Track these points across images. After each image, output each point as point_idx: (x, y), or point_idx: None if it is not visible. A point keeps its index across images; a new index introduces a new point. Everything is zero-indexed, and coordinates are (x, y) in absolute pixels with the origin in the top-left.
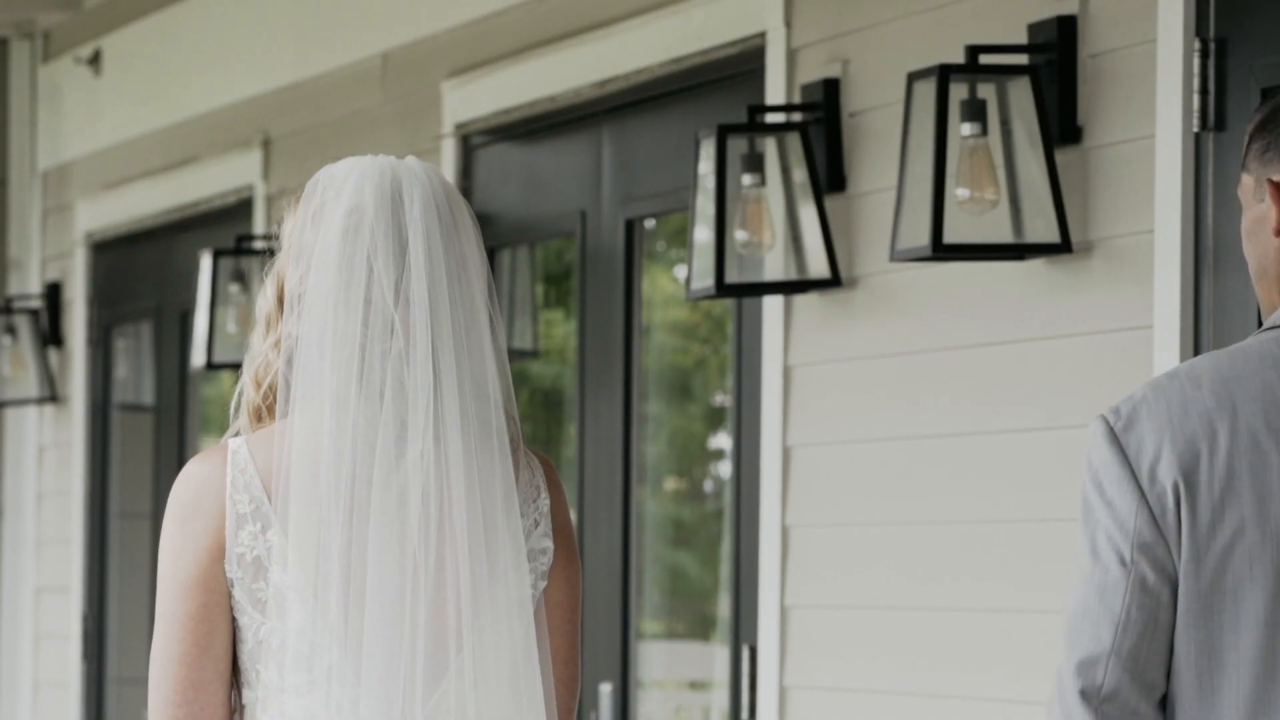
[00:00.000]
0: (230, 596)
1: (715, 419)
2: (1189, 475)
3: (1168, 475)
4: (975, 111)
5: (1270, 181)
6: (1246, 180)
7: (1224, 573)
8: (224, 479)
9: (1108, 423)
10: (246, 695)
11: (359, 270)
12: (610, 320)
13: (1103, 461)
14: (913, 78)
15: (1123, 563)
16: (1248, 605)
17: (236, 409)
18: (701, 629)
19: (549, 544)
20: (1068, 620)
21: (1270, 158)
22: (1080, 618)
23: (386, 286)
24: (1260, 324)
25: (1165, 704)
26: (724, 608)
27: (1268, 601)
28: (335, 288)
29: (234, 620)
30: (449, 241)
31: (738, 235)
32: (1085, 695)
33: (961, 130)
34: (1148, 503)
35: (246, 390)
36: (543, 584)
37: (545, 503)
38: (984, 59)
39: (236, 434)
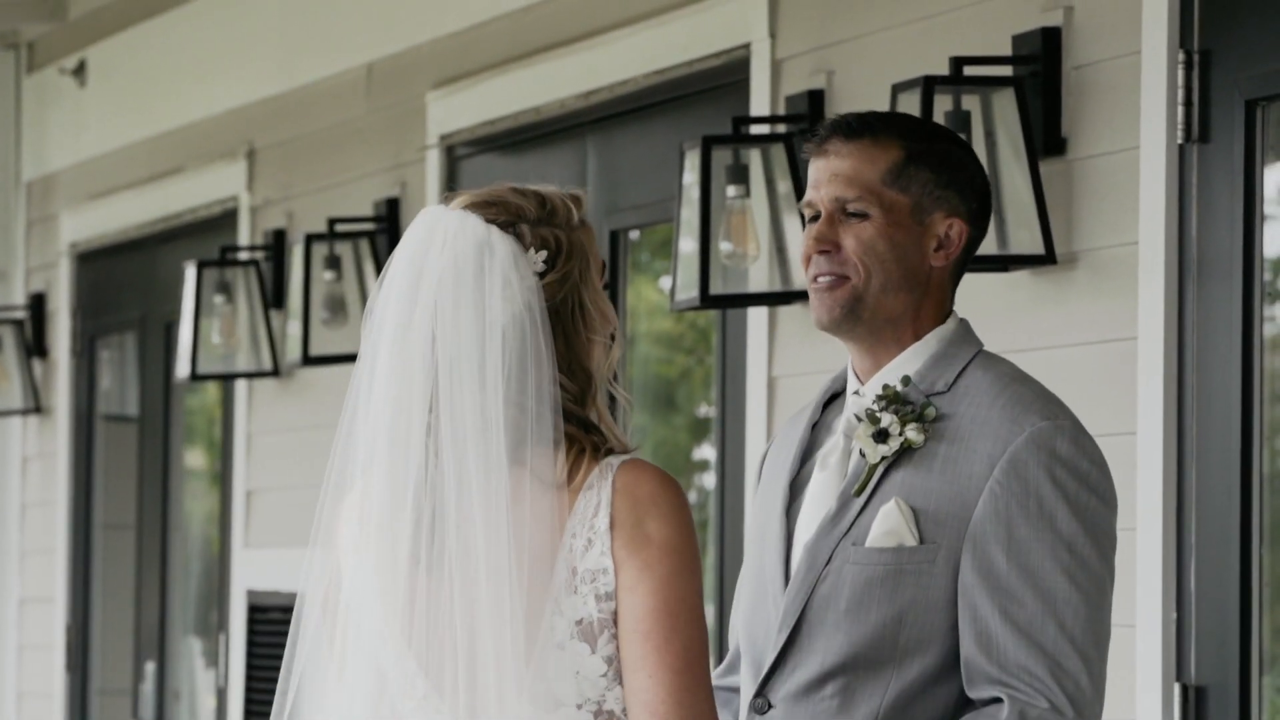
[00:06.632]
0: None
1: (700, 430)
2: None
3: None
4: (960, 123)
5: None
6: (902, 200)
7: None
8: None
9: (1092, 439)
10: None
11: (374, 317)
12: None
13: (1107, 479)
14: (897, 89)
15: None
16: (1110, 600)
17: None
18: None
19: (608, 563)
20: (1102, 634)
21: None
22: (1105, 629)
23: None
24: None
25: None
26: (708, 620)
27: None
28: (372, 331)
29: None
30: (460, 286)
31: (722, 246)
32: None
33: None
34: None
35: None
36: (609, 604)
37: (603, 521)
38: (968, 70)
39: None
